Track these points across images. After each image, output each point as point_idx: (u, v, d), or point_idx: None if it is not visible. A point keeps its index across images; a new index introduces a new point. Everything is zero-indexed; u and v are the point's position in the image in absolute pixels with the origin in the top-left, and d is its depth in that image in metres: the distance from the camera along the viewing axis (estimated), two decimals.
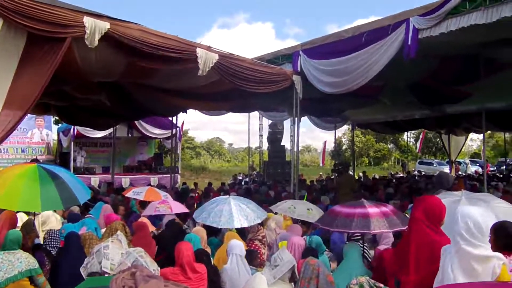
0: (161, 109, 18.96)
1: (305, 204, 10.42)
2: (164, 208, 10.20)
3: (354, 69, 12.47)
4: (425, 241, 4.62)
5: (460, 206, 6.20)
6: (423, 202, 4.89)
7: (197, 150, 60.38)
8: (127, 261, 5.26)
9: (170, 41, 10.15)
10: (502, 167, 40.93)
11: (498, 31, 10.82)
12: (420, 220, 4.76)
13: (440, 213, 4.69)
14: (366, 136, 63.93)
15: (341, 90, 13.29)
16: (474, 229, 3.94)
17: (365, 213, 6.88)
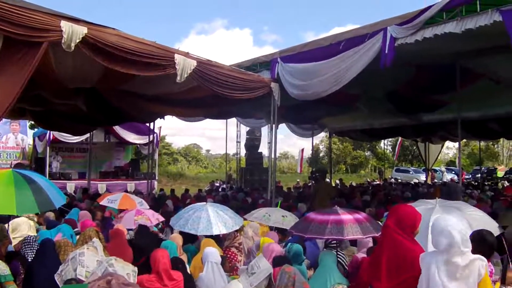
0: (139, 115, 18.84)
1: (279, 211, 10.42)
2: (142, 219, 10.10)
3: (327, 75, 12.51)
4: (398, 250, 4.62)
5: (434, 214, 6.29)
6: (397, 210, 4.91)
7: (175, 156, 60.07)
8: (98, 272, 5.20)
9: (148, 47, 10.09)
10: (477, 175, 41.27)
11: (474, 41, 10.94)
12: (393, 228, 4.77)
13: (414, 222, 4.70)
14: (343, 144, 64.22)
15: (312, 95, 13.34)
16: (459, 238, 3.99)
17: (339, 219, 6.93)
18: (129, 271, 5.42)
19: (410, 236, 4.63)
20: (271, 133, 14.93)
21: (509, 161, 64.92)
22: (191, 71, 10.88)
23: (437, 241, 4.14)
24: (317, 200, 15.20)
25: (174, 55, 10.53)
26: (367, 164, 69.23)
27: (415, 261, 4.39)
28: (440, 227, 4.13)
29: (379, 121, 25.34)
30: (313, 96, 13.41)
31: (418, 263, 4.35)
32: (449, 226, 4.07)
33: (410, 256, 4.48)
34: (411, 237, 4.63)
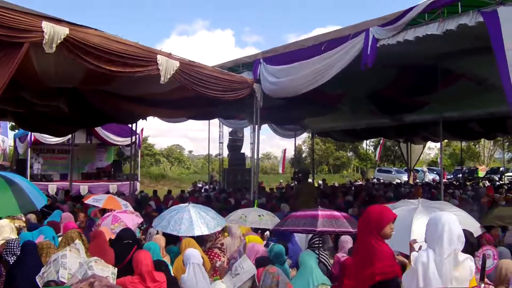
0: (121, 116, 18.76)
1: (256, 211, 10.43)
2: (119, 227, 9.95)
3: (305, 72, 12.55)
4: (362, 248, 4.67)
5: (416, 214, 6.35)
6: (366, 210, 4.94)
7: (157, 157, 59.82)
8: (78, 274, 5.17)
9: (130, 47, 10.06)
10: (458, 175, 41.57)
11: (455, 42, 11.02)
12: (360, 227, 4.83)
13: (379, 222, 4.69)
14: (326, 144, 64.36)
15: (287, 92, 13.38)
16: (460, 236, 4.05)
17: (315, 214, 7.18)
18: (108, 273, 5.39)
19: (375, 235, 4.63)
20: (254, 133, 14.98)
21: (490, 161, 65.43)
22: (174, 71, 10.86)
23: (433, 239, 4.16)
24: (299, 200, 15.21)
25: (156, 55, 10.52)
26: (350, 164, 69.51)
27: (374, 259, 4.46)
28: (439, 225, 4.16)
29: (362, 121, 25.42)
30: (288, 93, 13.45)
31: (378, 260, 4.44)
32: (450, 223, 4.10)
33: (373, 254, 4.52)
34: (376, 236, 4.62)
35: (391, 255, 4.55)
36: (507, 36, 8.66)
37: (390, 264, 4.46)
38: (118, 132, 28.31)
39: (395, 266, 4.50)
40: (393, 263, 4.50)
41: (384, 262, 4.45)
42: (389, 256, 4.51)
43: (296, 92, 13.20)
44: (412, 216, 6.34)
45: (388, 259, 4.48)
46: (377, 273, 4.39)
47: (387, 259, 4.48)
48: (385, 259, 4.47)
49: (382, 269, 4.41)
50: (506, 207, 8.90)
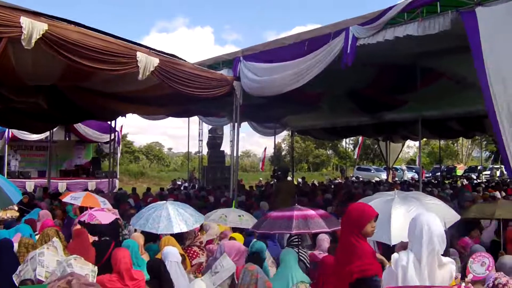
0: (100, 113, 18.65)
1: (235, 212, 10.37)
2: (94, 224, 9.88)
3: (287, 72, 12.58)
4: (345, 246, 4.68)
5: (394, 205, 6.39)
6: (348, 208, 4.95)
7: (136, 154, 59.57)
8: (57, 272, 5.13)
9: (110, 44, 9.99)
10: (437, 174, 41.85)
11: (434, 42, 11.08)
12: (344, 225, 4.84)
13: (360, 219, 4.69)
14: (306, 142, 64.50)
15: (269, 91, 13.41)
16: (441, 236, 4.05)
17: (290, 215, 7.15)
18: (88, 271, 5.35)
19: (355, 233, 4.64)
20: (234, 131, 14.95)
21: (468, 159, 66.04)
22: (153, 69, 10.81)
23: (414, 240, 4.17)
24: (279, 198, 15.21)
25: (136, 52, 10.45)
26: (329, 162, 69.73)
27: (355, 257, 4.45)
28: (418, 225, 4.16)
29: (341, 120, 25.51)
30: (269, 92, 13.47)
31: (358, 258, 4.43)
32: (430, 226, 4.11)
33: (347, 251, 4.54)
34: (357, 234, 4.63)
35: (371, 253, 4.55)
36: (485, 36, 8.75)
37: (370, 262, 4.46)
38: (97, 129, 28.13)
39: (374, 264, 4.50)
40: (373, 261, 4.50)
41: (363, 260, 4.45)
42: (368, 254, 4.51)
43: (278, 92, 13.22)
44: (391, 207, 6.37)
45: (367, 257, 4.48)
46: (356, 271, 4.40)
47: (367, 257, 4.48)
48: (364, 257, 4.47)
49: (360, 267, 4.41)
50: (485, 204, 8.99)
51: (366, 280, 4.36)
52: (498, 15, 8.70)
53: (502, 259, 6.09)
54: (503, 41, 8.59)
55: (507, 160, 8.59)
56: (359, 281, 4.37)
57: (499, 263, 5.92)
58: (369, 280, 4.36)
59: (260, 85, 13.55)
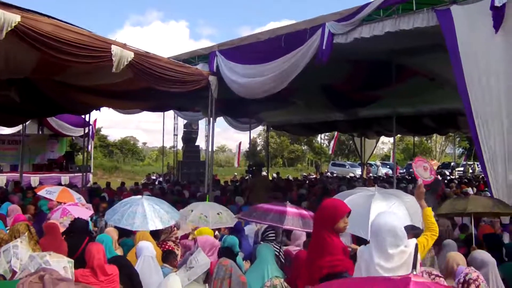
0: (74, 107, 18.49)
1: (213, 209, 9.99)
2: (68, 220, 9.78)
3: (275, 74, 12.62)
4: (317, 241, 4.70)
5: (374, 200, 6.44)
6: (321, 204, 4.96)
7: (110, 148, 59.15)
8: (30, 267, 5.06)
9: (84, 37, 9.89)
10: (410, 170, 42.20)
11: (410, 39, 11.17)
12: (316, 221, 4.85)
13: (333, 215, 4.70)
14: (281, 137, 64.58)
15: (260, 94, 13.45)
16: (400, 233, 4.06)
17: (283, 210, 7.09)
18: (65, 263, 5.29)
19: (328, 229, 4.65)
20: (209, 126, 14.95)
21: (441, 156, 66.64)
22: (128, 62, 10.73)
23: (373, 237, 4.18)
24: (253, 193, 15.25)
25: (111, 46, 10.37)
26: (304, 158, 69.97)
27: (325, 252, 4.51)
28: (380, 224, 4.17)
29: (316, 115, 25.58)
30: (259, 94, 13.52)
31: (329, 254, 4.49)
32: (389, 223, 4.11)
33: (318, 247, 4.58)
34: (329, 230, 4.65)
35: (342, 249, 4.58)
36: (460, 34, 8.84)
37: (340, 258, 4.49)
38: (71, 123, 27.86)
39: (344, 260, 4.52)
40: (343, 258, 4.53)
41: (334, 256, 4.47)
42: (339, 250, 4.54)
43: (267, 93, 13.31)
44: (371, 202, 6.42)
45: (338, 253, 4.51)
46: (326, 266, 4.42)
47: (338, 253, 4.51)
48: (335, 253, 4.50)
49: (331, 262, 4.43)
50: (457, 199, 9.10)
51: (336, 275, 4.37)
52: (473, 13, 8.79)
53: (473, 253, 6.15)
54: (478, 39, 8.69)
55: (482, 157, 8.71)
56: (329, 276, 4.39)
57: (470, 258, 5.99)
58: (338, 276, 4.38)
59: (243, 88, 13.60)
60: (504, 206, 8.06)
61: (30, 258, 5.17)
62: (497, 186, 8.56)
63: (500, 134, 8.39)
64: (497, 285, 5.74)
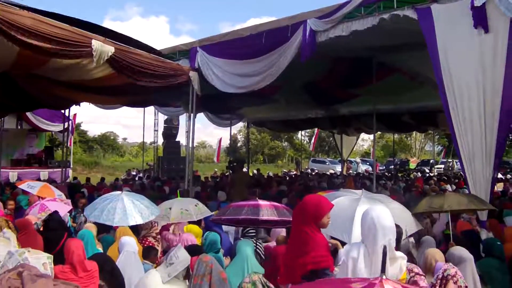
0: (53, 101, 18.29)
1: (189, 202, 9.96)
2: (46, 215, 9.69)
3: (259, 72, 12.64)
4: (297, 237, 4.69)
5: (360, 204, 6.47)
6: (303, 200, 4.95)
7: (90, 144, 58.77)
8: (8, 264, 5.01)
9: (64, 31, 9.80)
10: (390, 167, 42.52)
11: (390, 37, 11.24)
12: (295, 217, 4.85)
13: (315, 212, 4.71)
14: (262, 134, 64.62)
15: (241, 90, 13.46)
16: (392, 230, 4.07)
17: (256, 203, 7.19)
18: (44, 260, 5.25)
19: (311, 225, 4.65)
20: (189, 122, 14.91)
21: (421, 153, 67.09)
22: (108, 57, 10.66)
23: (364, 232, 4.19)
24: (234, 189, 15.27)
25: (91, 40, 10.28)
26: (285, 154, 70.07)
27: (307, 248, 4.50)
28: (369, 219, 4.18)
29: (297, 112, 25.65)
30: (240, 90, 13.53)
31: (312, 250, 4.47)
32: (378, 218, 4.12)
33: (301, 243, 4.57)
34: (312, 226, 4.65)
35: (325, 245, 4.58)
36: (440, 33, 8.91)
37: (324, 254, 4.49)
38: (50, 118, 27.66)
39: (328, 256, 4.52)
40: (327, 254, 4.53)
41: (318, 252, 4.47)
42: (323, 246, 4.54)
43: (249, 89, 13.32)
44: (356, 206, 6.45)
45: (322, 249, 4.51)
46: (310, 262, 4.42)
47: (321, 249, 4.51)
48: (319, 249, 4.49)
49: (315, 258, 4.43)
50: (434, 196, 9.18)
51: (319, 272, 4.38)
52: (453, 12, 8.87)
53: (451, 250, 6.21)
54: (458, 38, 8.77)
55: (460, 155, 8.80)
56: (312, 272, 4.39)
57: (448, 254, 6.04)
58: (321, 272, 4.39)
59: (224, 84, 13.59)
60: (479, 202, 8.16)
61: (8, 255, 5.13)
62: (475, 182, 8.66)
63: (478, 131, 8.49)
64: (475, 280, 5.82)
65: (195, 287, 4.95)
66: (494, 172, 8.61)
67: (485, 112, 8.41)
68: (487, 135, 8.42)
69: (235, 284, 5.48)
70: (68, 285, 3.38)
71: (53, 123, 28.04)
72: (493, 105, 8.36)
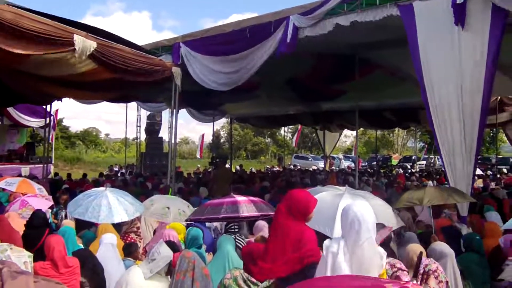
0: (34, 97, 18.16)
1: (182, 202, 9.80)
2: (27, 211, 9.62)
3: (240, 66, 12.66)
4: (285, 232, 4.67)
5: (343, 200, 6.50)
6: (290, 195, 4.94)
7: (72, 139, 58.38)
8: None
9: (45, 26, 9.72)
10: (373, 163, 42.70)
11: (373, 33, 11.29)
12: (283, 212, 4.83)
13: (305, 207, 4.73)
14: (244, 130, 64.65)
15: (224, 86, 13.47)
16: (373, 225, 4.09)
17: (234, 200, 7.13)
18: (25, 258, 5.23)
19: (301, 220, 4.68)
20: (172, 118, 14.85)
21: (403, 149, 67.47)
22: (91, 52, 10.60)
23: (346, 227, 4.21)
24: (216, 185, 15.26)
25: (73, 35, 10.21)
26: (267, 150, 70.14)
27: (301, 243, 4.51)
28: (351, 213, 4.18)
29: (279, 108, 25.68)
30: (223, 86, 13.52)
31: (304, 245, 4.48)
32: (360, 213, 4.13)
33: (295, 238, 4.56)
34: (301, 221, 4.68)
35: (316, 239, 4.61)
36: (421, 30, 8.97)
37: (316, 248, 4.52)
38: (31, 113, 27.44)
39: (318, 250, 4.55)
40: (318, 248, 4.56)
41: (311, 246, 4.50)
42: (314, 240, 4.57)
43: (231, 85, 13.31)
44: (339, 202, 6.48)
45: (314, 242, 4.54)
46: (307, 256, 4.44)
47: (313, 242, 4.54)
48: (312, 243, 4.52)
49: (310, 252, 4.45)
50: (414, 191, 9.24)
51: (315, 264, 4.39)
52: (435, 9, 8.92)
53: (433, 245, 6.26)
54: (439, 35, 8.83)
55: (440, 151, 8.88)
56: (309, 266, 4.41)
57: (429, 250, 6.10)
58: (313, 266, 4.40)
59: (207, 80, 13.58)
60: (459, 195, 8.21)
61: None
62: (456, 178, 8.74)
63: (458, 128, 8.56)
64: (455, 275, 5.89)
65: (177, 283, 4.94)
66: (474, 168, 8.70)
67: (463, 109, 8.49)
68: (467, 132, 8.51)
69: (217, 280, 5.49)
70: (49, 281, 3.35)
71: (35, 118, 27.82)
72: (473, 102, 8.43)
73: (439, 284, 5.24)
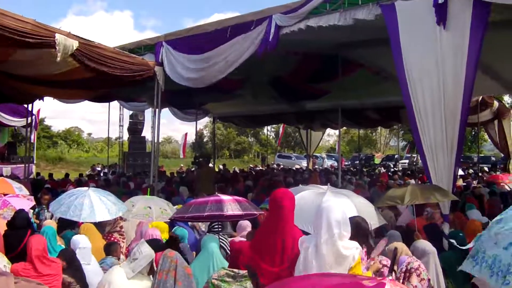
0: (15, 96, 18.01)
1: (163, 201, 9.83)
2: (8, 211, 9.53)
3: (216, 63, 12.61)
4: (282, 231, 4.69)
5: (325, 198, 6.53)
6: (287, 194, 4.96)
7: (54, 139, 57.92)
8: None
9: (26, 24, 9.64)
10: (356, 162, 42.87)
11: (355, 33, 11.33)
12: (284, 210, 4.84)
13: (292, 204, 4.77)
14: (227, 129, 64.60)
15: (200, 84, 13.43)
16: (341, 222, 4.12)
17: (219, 199, 7.15)
18: (4, 263, 5.22)
19: (292, 218, 4.72)
20: (155, 117, 14.82)
21: (386, 148, 67.83)
22: (72, 51, 10.54)
23: (317, 224, 4.24)
24: (200, 185, 15.24)
25: (55, 34, 10.15)
26: (251, 149, 70.11)
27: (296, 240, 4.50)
28: (319, 211, 4.23)
29: (263, 107, 25.69)
30: (203, 83, 13.47)
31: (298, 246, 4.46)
32: (329, 209, 4.17)
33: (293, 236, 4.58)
34: (292, 220, 4.72)
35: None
36: (403, 30, 9.01)
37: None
38: (12, 112, 27.22)
39: None
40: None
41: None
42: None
43: (210, 82, 13.25)
44: (321, 200, 6.49)
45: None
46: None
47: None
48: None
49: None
50: (396, 189, 9.30)
51: None
52: (417, 9, 8.97)
53: (415, 243, 6.31)
54: (420, 34, 8.88)
55: (421, 149, 8.94)
56: None
57: (412, 248, 6.14)
58: None
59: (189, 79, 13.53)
60: (441, 194, 8.26)
61: None
62: (438, 177, 8.79)
63: (439, 127, 8.62)
64: (437, 273, 5.94)
65: (159, 282, 4.93)
66: (455, 166, 8.76)
67: (445, 108, 8.54)
68: (448, 131, 8.56)
69: (201, 279, 5.49)
70: (30, 282, 3.35)
71: (16, 118, 27.60)
72: (454, 101, 8.49)
73: (421, 282, 5.27)
